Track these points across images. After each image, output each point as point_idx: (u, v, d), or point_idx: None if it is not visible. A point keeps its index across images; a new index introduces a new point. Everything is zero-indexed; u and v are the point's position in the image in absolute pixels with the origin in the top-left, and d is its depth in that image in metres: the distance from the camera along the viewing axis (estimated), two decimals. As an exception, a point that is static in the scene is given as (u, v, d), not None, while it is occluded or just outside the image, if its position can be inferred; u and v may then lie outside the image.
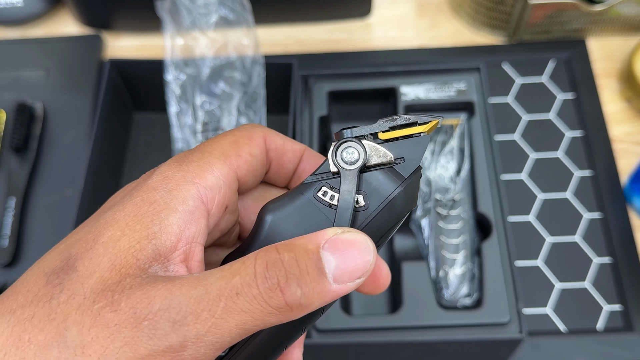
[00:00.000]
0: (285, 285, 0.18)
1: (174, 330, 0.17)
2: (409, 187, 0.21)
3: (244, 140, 0.23)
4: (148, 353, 0.17)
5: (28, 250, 0.56)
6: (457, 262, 0.49)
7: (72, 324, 0.17)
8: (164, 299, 0.17)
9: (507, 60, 0.63)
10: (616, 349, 0.49)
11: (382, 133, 0.22)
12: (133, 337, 0.17)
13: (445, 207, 0.51)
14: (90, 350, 0.17)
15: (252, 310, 0.18)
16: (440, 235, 0.50)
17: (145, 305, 0.17)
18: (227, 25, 0.56)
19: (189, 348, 0.17)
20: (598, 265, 0.53)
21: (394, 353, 0.47)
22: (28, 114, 0.60)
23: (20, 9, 0.66)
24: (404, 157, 0.21)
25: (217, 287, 0.18)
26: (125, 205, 0.19)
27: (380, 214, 0.21)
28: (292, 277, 0.18)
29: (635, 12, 0.61)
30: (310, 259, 0.18)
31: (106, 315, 0.17)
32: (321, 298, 0.19)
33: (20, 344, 0.17)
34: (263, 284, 0.18)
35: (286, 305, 0.18)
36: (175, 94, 0.55)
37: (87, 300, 0.18)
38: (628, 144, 0.59)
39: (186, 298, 0.17)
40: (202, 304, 0.17)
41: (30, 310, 0.18)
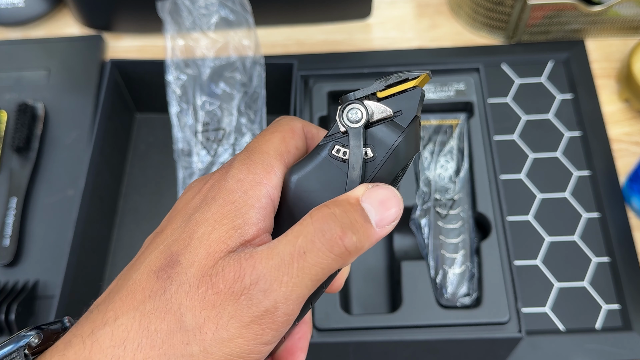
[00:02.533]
0: (342, 235, 0.21)
1: (266, 297, 0.21)
2: (409, 134, 0.24)
3: (289, 135, 0.26)
4: (250, 320, 0.21)
5: (29, 250, 0.56)
6: (457, 262, 0.49)
7: (186, 310, 0.21)
8: (252, 274, 0.21)
9: (506, 60, 0.64)
10: (615, 348, 0.50)
11: (379, 92, 0.24)
12: (236, 310, 0.21)
13: (444, 206, 0.51)
14: (205, 329, 0.20)
15: (320, 262, 0.21)
16: (439, 235, 0.50)
17: (239, 283, 0.21)
18: (228, 26, 0.56)
19: (280, 308, 0.21)
20: (596, 265, 0.54)
21: (394, 352, 0.47)
22: (29, 114, 0.60)
23: (22, 9, 0.66)
24: (401, 110, 0.24)
25: (288, 252, 0.21)
26: (211, 206, 0.23)
27: (388, 162, 0.24)
28: (346, 227, 0.21)
29: (633, 13, 0.62)
30: (355, 211, 0.22)
31: (210, 297, 0.21)
32: (369, 240, 0.22)
33: (148, 333, 0.21)
34: (324, 237, 0.21)
35: (346, 251, 0.21)
36: (176, 95, 0.55)
37: (192, 287, 0.21)
38: (626, 144, 0.59)
39: (268, 269, 0.21)
40: (281, 270, 0.21)
41: (150, 305, 0.21)
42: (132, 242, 0.57)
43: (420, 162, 0.53)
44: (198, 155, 0.54)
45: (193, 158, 0.54)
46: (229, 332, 0.20)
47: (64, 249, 0.50)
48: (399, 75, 0.24)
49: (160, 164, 0.60)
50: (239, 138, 0.55)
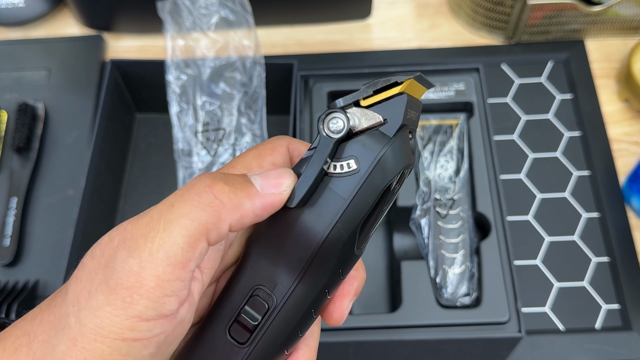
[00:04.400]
0: (212, 183, 0.20)
1: (131, 255, 0.19)
2: (396, 144, 0.22)
3: (266, 152, 0.25)
4: (116, 282, 0.19)
5: (29, 250, 0.56)
6: (456, 262, 0.49)
7: (73, 282, 0.21)
8: (120, 234, 0.20)
9: (505, 60, 0.64)
10: (614, 348, 0.50)
11: (363, 100, 0.23)
12: (105, 274, 0.20)
13: (444, 206, 0.51)
14: (81, 298, 0.20)
15: (188, 212, 0.20)
16: (439, 235, 0.50)
17: (109, 245, 0.20)
18: (228, 26, 0.56)
19: (146, 267, 0.19)
20: (596, 265, 0.54)
21: (394, 351, 0.47)
22: (30, 114, 0.61)
23: (22, 9, 0.66)
24: (387, 118, 0.22)
25: (157, 210, 0.20)
26: None
27: (373, 174, 0.22)
28: (219, 179, 0.21)
29: (633, 13, 0.62)
30: (238, 175, 0.22)
31: (87, 263, 0.20)
32: (250, 198, 0.21)
33: (50, 309, 0.21)
34: (193, 187, 0.20)
35: (215, 199, 0.20)
36: (176, 95, 0.55)
37: (83, 259, 0.21)
38: (626, 144, 0.59)
39: (136, 227, 0.20)
40: (148, 227, 0.20)
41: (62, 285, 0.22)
42: (132, 242, 0.57)
43: (420, 162, 0.53)
44: (198, 155, 0.54)
45: (193, 158, 0.54)
46: (97, 300, 0.19)
47: (64, 249, 0.50)
48: (387, 79, 0.23)
49: (160, 164, 0.60)
50: (239, 138, 0.55)
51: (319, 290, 0.23)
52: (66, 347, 0.20)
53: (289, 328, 0.23)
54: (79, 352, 0.19)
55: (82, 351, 0.19)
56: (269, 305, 0.23)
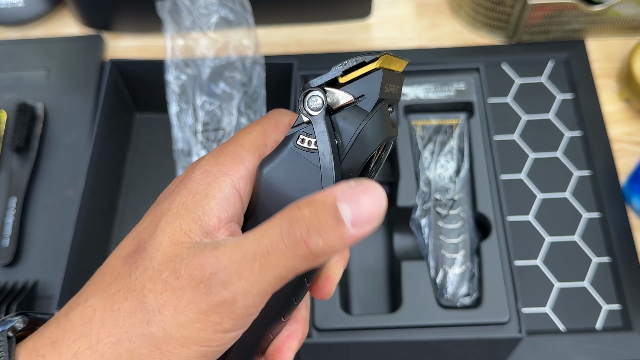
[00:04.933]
0: (307, 238, 0.20)
1: (225, 288, 0.21)
2: (375, 119, 0.23)
3: (270, 129, 0.26)
4: (208, 308, 0.21)
5: (29, 250, 0.56)
6: (457, 262, 0.49)
7: (148, 292, 0.21)
8: (213, 265, 0.21)
9: (506, 60, 0.64)
10: (615, 348, 0.50)
11: (340, 77, 0.24)
12: (195, 296, 0.21)
13: (444, 206, 0.51)
14: (165, 311, 0.21)
15: (282, 263, 0.21)
16: (439, 235, 0.50)
17: (200, 272, 0.21)
18: (228, 25, 0.56)
19: (239, 300, 0.21)
20: (597, 265, 0.54)
21: (394, 352, 0.47)
22: (29, 114, 0.60)
23: (21, 9, 0.66)
24: (364, 94, 0.23)
25: (252, 250, 0.21)
26: (175, 197, 0.24)
27: (353, 148, 0.23)
28: (313, 230, 0.20)
29: (634, 13, 0.62)
30: (328, 211, 0.21)
31: (172, 282, 0.21)
32: (342, 242, 0.21)
33: (112, 312, 0.22)
34: (288, 239, 0.21)
35: (310, 254, 0.21)
36: (175, 94, 0.55)
37: (156, 272, 0.22)
38: (627, 144, 0.59)
39: (229, 262, 0.21)
40: (242, 265, 0.21)
41: (116, 286, 0.22)
42: (131, 242, 0.57)
43: (421, 162, 0.53)
44: (198, 155, 0.54)
45: (193, 158, 0.54)
46: (187, 317, 0.21)
47: (64, 249, 0.50)
48: (356, 59, 0.24)
49: (160, 164, 0.60)
50: (239, 138, 0.55)
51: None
52: (147, 351, 0.21)
53: (284, 296, 0.24)
54: (162, 355, 0.21)
55: (165, 354, 0.21)
56: None
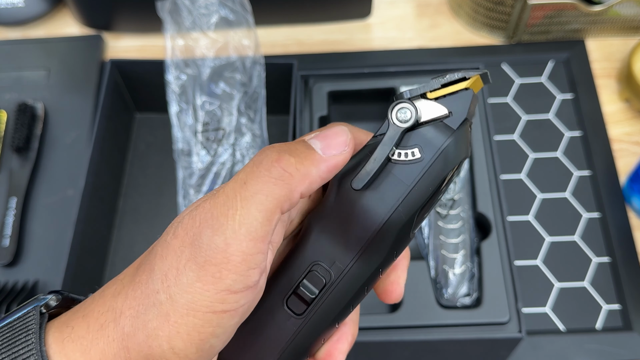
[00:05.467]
0: (279, 157, 0.22)
1: (215, 233, 0.21)
2: (459, 136, 0.24)
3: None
4: (204, 260, 0.21)
5: (29, 250, 0.56)
6: (457, 262, 0.49)
7: (158, 259, 0.22)
8: (201, 214, 0.21)
9: (506, 60, 0.64)
10: (615, 348, 0.50)
11: (430, 92, 0.24)
12: (191, 252, 0.21)
13: (444, 206, 0.51)
14: (169, 275, 0.21)
15: (261, 188, 0.21)
16: (439, 235, 0.50)
17: (191, 224, 0.21)
18: (228, 25, 0.56)
19: (232, 244, 0.21)
20: (597, 265, 0.54)
21: (394, 352, 0.47)
22: (29, 114, 0.60)
23: (22, 9, 0.66)
24: (452, 111, 0.24)
25: (231, 187, 0.22)
26: None
27: (435, 163, 0.23)
28: (283, 152, 0.22)
29: (634, 13, 0.62)
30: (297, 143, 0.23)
31: (171, 242, 0.22)
32: (316, 165, 0.22)
33: (134, 285, 0.22)
34: (261, 163, 0.22)
35: (285, 172, 0.21)
36: (175, 94, 0.55)
37: (165, 239, 0.22)
38: (627, 144, 0.59)
39: (214, 206, 0.21)
40: (226, 205, 0.21)
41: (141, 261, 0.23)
42: (132, 242, 0.57)
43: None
44: (198, 155, 0.54)
45: (193, 158, 0.54)
46: (187, 277, 0.21)
47: (64, 249, 0.50)
48: (454, 75, 0.24)
49: (160, 164, 0.60)
50: (239, 138, 0.55)
51: (374, 269, 0.24)
52: (158, 323, 0.21)
53: (342, 303, 0.25)
54: (171, 326, 0.21)
55: (174, 325, 0.21)
56: (326, 281, 0.24)
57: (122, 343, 0.21)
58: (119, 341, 0.21)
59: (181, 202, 0.53)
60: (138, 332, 0.21)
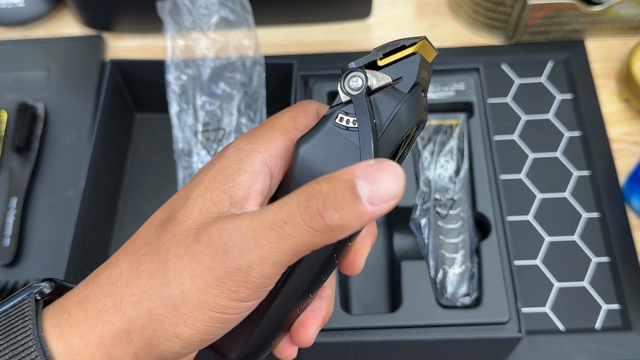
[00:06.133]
0: (323, 211, 0.21)
1: (241, 255, 0.21)
2: (410, 100, 0.24)
3: (300, 115, 0.27)
4: (225, 274, 0.21)
5: (29, 250, 0.56)
6: (457, 262, 0.49)
7: (172, 255, 0.22)
8: (231, 231, 0.22)
9: (506, 60, 0.64)
10: (614, 348, 0.50)
11: (379, 60, 0.25)
12: (212, 261, 0.22)
13: (444, 206, 0.51)
14: (184, 274, 0.22)
15: (298, 234, 0.21)
16: (439, 235, 0.50)
17: (218, 237, 0.22)
18: (228, 26, 0.56)
19: (255, 269, 0.21)
20: (596, 265, 0.54)
21: (394, 352, 0.47)
22: (30, 114, 0.61)
23: (22, 9, 0.66)
24: (402, 76, 0.24)
25: (269, 219, 0.22)
26: (208, 172, 0.25)
27: (390, 128, 0.24)
28: (329, 204, 0.21)
29: (633, 13, 0.62)
30: (345, 187, 0.21)
31: (193, 246, 0.22)
32: (359, 218, 0.21)
33: (137, 273, 0.23)
34: (305, 211, 0.21)
35: (326, 227, 0.21)
36: (176, 95, 0.55)
37: (182, 237, 0.23)
38: (626, 144, 0.59)
39: (247, 230, 0.22)
40: (259, 233, 0.21)
41: (144, 250, 0.23)
42: (132, 242, 0.57)
43: (420, 162, 0.53)
44: (198, 155, 0.54)
45: (193, 158, 0.54)
46: (204, 282, 0.22)
47: (64, 249, 0.50)
48: (395, 42, 0.24)
49: (160, 164, 0.60)
50: (239, 138, 0.55)
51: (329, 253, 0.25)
52: (165, 312, 0.22)
53: (313, 272, 0.25)
54: (179, 317, 0.22)
55: (182, 316, 0.22)
56: None
57: (122, 327, 0.22)
58: (119, 325, 0.22)
59: (181, 202, 0.53)
60: (141, 317, 0.22)
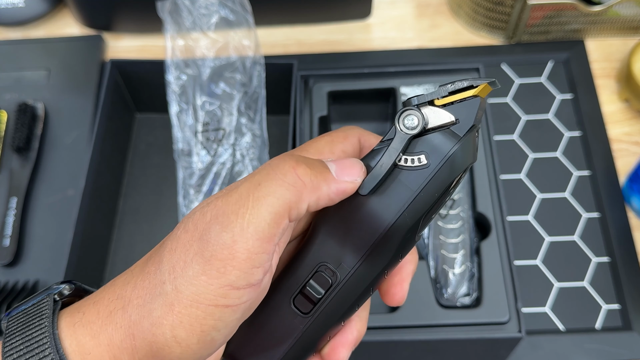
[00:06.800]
0: (296, 165, 0.22)
1: (223, 229, 0.21)
2: (465, 143, 0.24)
3: (339, 140, 0.27)
4: (211, 254, 0.21)
5: (29, 250, 0.56)
6: (457, 262, 0.49)
7: (167, 252, 0.23)
8: (212, 210, 0.22)
9: (506, 60, 0.64)
10: (614, 348, 0.50)
11: (438, 99, 0.24)
12: (199, 246, 0.22)
13: (444, 206, 0.51)
14: (177, 267, 0.22)
15: (274, 190, 0.22)
16: (439, 235, 0.50)
17: (202, 219, 0.22)
18: (228, 26, 0.56)
19: (238, 241, 0.21)
20: (596, 265, 0.54)
21: (394, 352, 0.47)
22: (30, 114, 0.61)
23: (22, 9, 0.66)
24: (459, 118, 0.24)
25: (245, 187, 0.22)
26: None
27: (442, 170, 0.24)
28: (302, 161, 0.23)
29: (633, 13, 0.62)
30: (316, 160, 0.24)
31: (181, 236, 0.22)
32: (328, 183, 0.23)
33: (143, 275, 0.23)
34: (277, 167, 0.22)
35: (299, 179, 0.22)
36: (176, 95, 0.55)
37: (176, 233, 0.23)
38: (626, 144, 0.59)
39: (226, 204, 0.22)
40: (238, 204, 0.22)
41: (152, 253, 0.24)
42: (132, 242, 0.57)
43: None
44: (198, 155, 0.54)
45: (193, 158, 0.54)
46: (193, 269, 0.21)
47: (64, 249, 0.50)
48: (461, 82, 0.24)
49: (160, 164, 0.60)
50: (239, 138, 0.55)
51: (379, 271, 0.25)
52: (162, 312, 0.22)
53: (348, 303, 0.25)
54: (175, 316, 0.21)
55: (178, 315, 0.21)
56: (332, 282, 0.25)
57: (129, 330, 0.22)
58: (126, 328, 0.22)
59: (181, 202, 0.53)
60: (143, 320, 0.22)
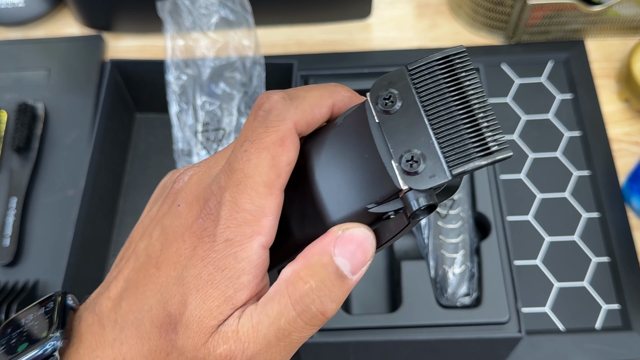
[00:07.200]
0: (323, 309, 0.21)
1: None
2: None
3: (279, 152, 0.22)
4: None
5: (29, 250, 0.56)
6: (457, 262, 0.49)
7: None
8: (242, 357, 0.21)
9: (506, 60, 0.64)
10: (614, 348, 0.50)
11: None
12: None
13: (444, 206, 0.51)
14: None
15: (305, 335, 0.22)
16: (439, 235, 0.50)
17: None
18: (228, 26, 0.56)
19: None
20: (596, 265, 0.54)
21: (394, 352, 0.47)
22: (29, 114, 0.61)
23: (22, 9, 0.66)
24: None
25: (273, 335, 0.21)
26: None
27: None
28: (324, 299, 0.21)
29: (633, 13, 0.62)
30: (331, 273, 0.21)
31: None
32: (348, 290, 0.22)
33: None
34: (305, 316, 0.21)
35: (325, 318, 0.22)
36: (176, 95, 0.55)
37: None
38: (626, 144, 0.59)
39: (257, 352, 0.21)
40: (269, 351, 0.21)
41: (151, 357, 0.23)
42: (132, 242, 0.57)
43: None
44: (198, 156, 0.54)
45: (193, 158, 0.54)
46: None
47: (64, 249, 0.50)
48: None
49: (160, 164, 0.60)
50: (239, 138, 0.55)
51: None
52: None
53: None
54: None
55: None
56: None
57: None
58: None
59: (181, 202, 0.53)
60: None
